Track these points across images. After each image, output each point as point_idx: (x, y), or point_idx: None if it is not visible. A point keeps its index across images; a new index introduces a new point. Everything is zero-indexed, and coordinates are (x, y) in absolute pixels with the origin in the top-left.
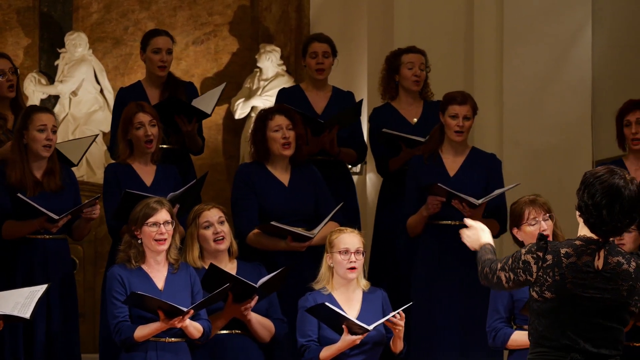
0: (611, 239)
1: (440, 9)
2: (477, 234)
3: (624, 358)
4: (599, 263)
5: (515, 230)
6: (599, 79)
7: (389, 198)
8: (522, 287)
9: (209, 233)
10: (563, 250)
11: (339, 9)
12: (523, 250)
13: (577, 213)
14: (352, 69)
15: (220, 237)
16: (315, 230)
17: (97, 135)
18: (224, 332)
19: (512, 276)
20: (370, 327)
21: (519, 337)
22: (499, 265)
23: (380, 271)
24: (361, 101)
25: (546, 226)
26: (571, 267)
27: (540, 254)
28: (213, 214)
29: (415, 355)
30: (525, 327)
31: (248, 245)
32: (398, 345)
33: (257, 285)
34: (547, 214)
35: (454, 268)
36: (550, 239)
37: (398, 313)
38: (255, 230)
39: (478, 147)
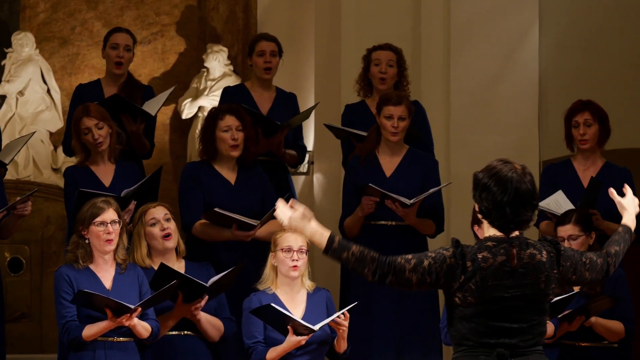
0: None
1: (388, 9)
2: (303, 223)
3: (572, 357)
4: (514, 261)
5: (476, 228)
6: (546, 79)
7: None
8: (432, 289)
9: (156, 230)
10: (480, 255)
11: (286, 10)
12: (446, 252)
13: (480, 215)
14: (299, 70)
15: (168, 234)
16: (260, 220)
17: (32, 134)
18: (173, 332)
19: (428, 279)
20: (316, 327)
21: None
22: (408, 266)
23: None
24: (317, 104)
25: None
26: (490, 270)
27: (460, 262)
28: (159, 212)
29: (353, 356)
30: None
31: (193, 242)
32: (342, 345)
33: (207, 285)
34: None
35: None
36: None
37: (342, 313)
38: (202, 221)
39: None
